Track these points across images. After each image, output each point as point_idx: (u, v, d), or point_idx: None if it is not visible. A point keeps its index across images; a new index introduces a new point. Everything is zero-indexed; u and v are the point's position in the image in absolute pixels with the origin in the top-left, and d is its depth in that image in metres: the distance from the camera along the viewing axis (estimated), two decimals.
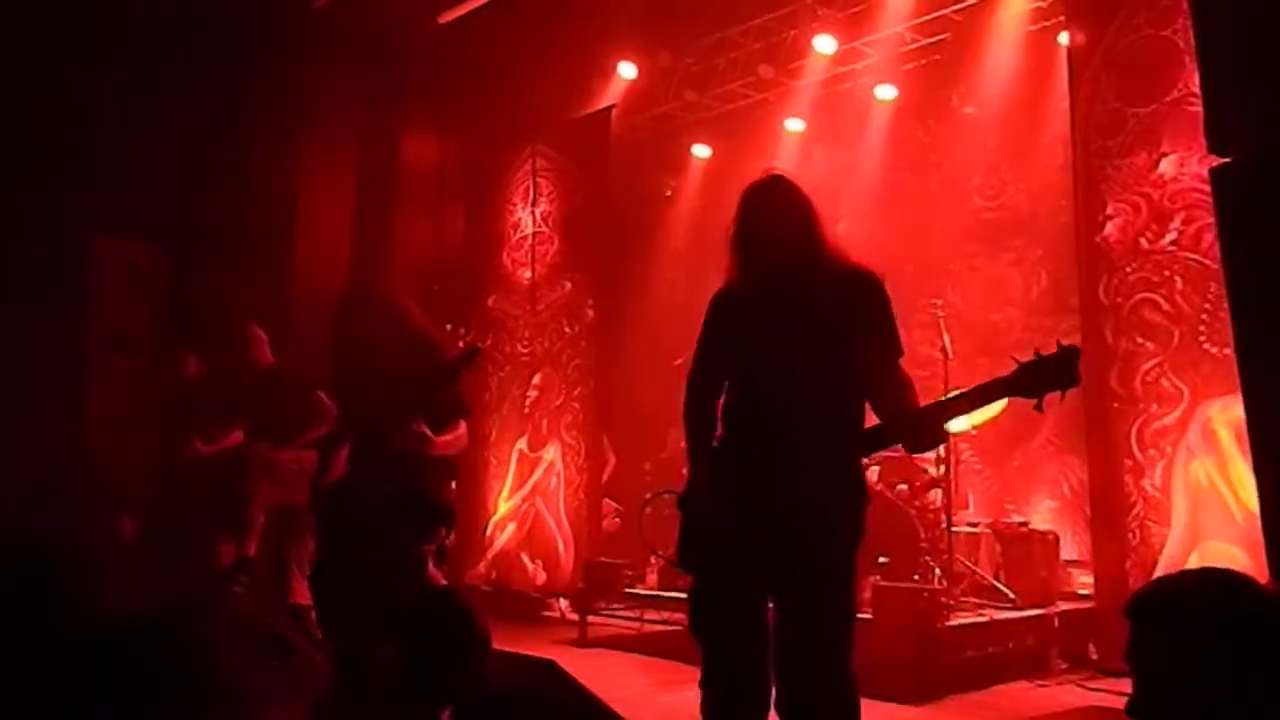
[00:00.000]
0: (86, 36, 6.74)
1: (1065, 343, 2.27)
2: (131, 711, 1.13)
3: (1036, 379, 2.24)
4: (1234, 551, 4.37)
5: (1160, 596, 1.63)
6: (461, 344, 3.47)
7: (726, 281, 2.68)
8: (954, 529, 5.56)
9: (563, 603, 7.13)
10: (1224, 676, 1.51)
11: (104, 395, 7.11)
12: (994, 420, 5.75)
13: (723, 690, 2.51)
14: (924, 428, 2.51)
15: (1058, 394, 2.24)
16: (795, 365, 2.50)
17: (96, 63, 6.77)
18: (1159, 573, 4.54)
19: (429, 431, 3.31)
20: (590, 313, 7.30)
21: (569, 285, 7.46)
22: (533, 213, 7.79)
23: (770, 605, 2.52)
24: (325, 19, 7.41)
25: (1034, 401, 2.24)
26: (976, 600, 5.40)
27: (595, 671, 4.62)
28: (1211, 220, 4.49)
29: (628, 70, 7.78)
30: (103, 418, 7.06)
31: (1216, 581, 1.64)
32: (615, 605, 6.71)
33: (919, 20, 6.82)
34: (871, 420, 2.61)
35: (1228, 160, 2.01)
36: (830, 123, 7.85)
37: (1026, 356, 2.29)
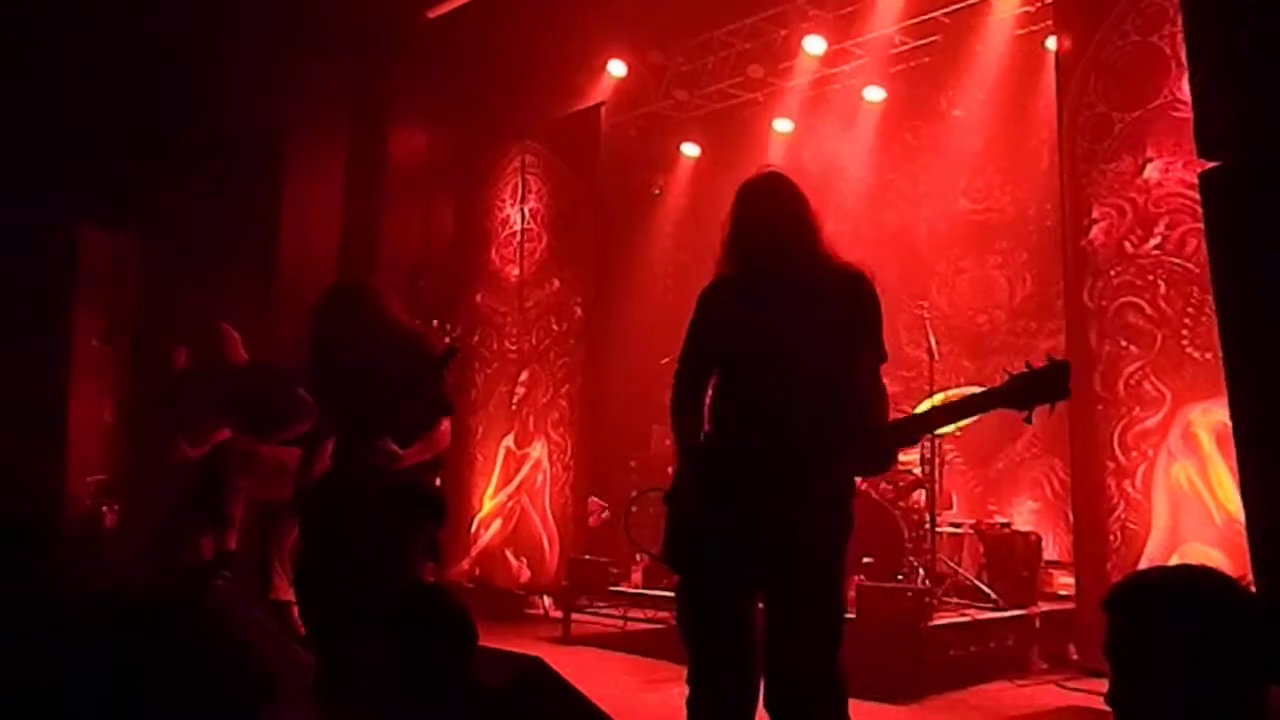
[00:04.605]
0: (74, 29, 6.68)
1: (1055, 356, 2.27)
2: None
3: (1027, 391, 2.24)
4: (1213, 554, 4.40)
5: (1137, 589, 1.66)
6: (447, 340, 3.41)
7: (717, 275, 2.67)
8: (937, 529, 5.60)
9: (547, 600, 7.13)
10: (1197, 667, 1.54)
11: (89, 387, 7.06)
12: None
13: (711, 687, 2.49)
14: (875, 450, 2.50)
15: (1046, 406, 2.24)
16: (782, 360, 2.49)
17: (82, 54, 6.72)
18: None
19: (396, 449, 3.22)
20: (578, 310, 7.29)
21: (557, 283, 7.46)
22: (521, 209, 7.78)
23: (758, 601, 2.52)
24: (313, 12, 7.37)
25: (1023, 414, 2.24)
26: (959, 600, 5.44)
27: (579, 669, 4.60)
28: (1194, 225, 4.54)
29: (617, 68, 7.78)
30: (87, 409, 7.01)
31: (1191, 576, 1.68)
32: (599, 603, 6.71)
33: (909, 22, 6.85)
34: None
35: (1217, 165, 2.02)
36: (819, 123, 7.87)
37: (1017, 367, 2.29)
